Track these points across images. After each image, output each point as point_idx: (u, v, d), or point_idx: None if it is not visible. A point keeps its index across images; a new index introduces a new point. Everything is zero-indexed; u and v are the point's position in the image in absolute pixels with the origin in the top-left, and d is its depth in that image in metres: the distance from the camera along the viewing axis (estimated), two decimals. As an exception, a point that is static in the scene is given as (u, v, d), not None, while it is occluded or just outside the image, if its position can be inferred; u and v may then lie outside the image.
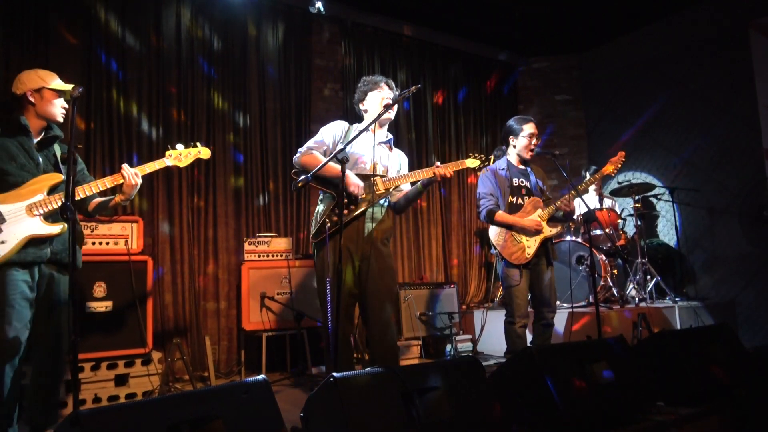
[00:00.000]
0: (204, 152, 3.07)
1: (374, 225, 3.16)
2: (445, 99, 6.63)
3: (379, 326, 3.11)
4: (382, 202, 3.21)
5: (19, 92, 2.67)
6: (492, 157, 3.51)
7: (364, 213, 3.13)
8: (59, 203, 2.58)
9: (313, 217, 3.26)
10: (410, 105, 6.26)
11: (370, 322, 3.13)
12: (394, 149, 3.49)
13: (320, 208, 3.23)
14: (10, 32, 4.10)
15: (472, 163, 3.36)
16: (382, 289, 3.13)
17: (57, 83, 2.74)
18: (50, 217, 2.62)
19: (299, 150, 3.25)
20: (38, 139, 2.74)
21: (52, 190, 2.66)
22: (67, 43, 4.33)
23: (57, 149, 2.83)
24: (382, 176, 3.19)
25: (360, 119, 3.48)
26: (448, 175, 3.12)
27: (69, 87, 2.73)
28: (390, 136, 3.42)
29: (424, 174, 3.14)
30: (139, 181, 2.79)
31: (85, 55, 4.40)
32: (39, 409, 2.69)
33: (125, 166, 2.76)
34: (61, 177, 2.70)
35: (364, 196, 3.11)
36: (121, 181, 2.74)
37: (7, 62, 4.07)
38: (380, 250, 3.16)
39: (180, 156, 2.98)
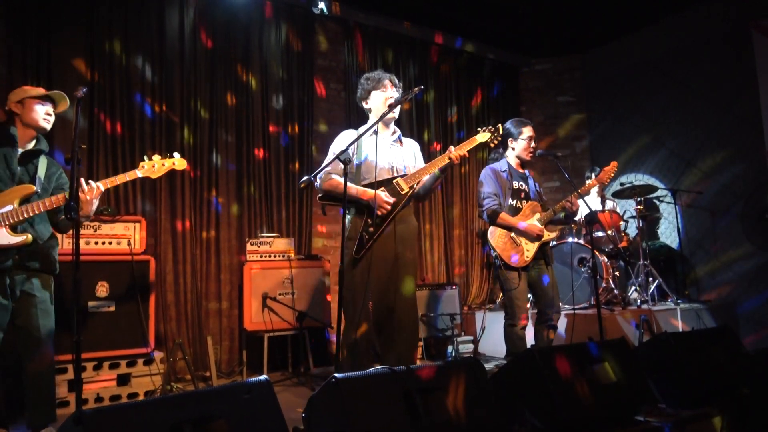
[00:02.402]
0: (179, 163, 3.04)
1: (402, 226, 3.16)
2: (447, 99, 6.63)
3: (406, 327, 3.13)
4: (407, 202, 3.19)
5: (7, 107, 2.80)
6: (500, 126, 3.39)
7: (394, 217, 3.12)
8: (28, 215, 2.66)
9: (342, 231, 2.96)
10: (413, 105, 6.26)
11: (396, 322, 3.12)
12: (404, 141, 3.44)
13: (348, 219, 3.16)
14: (12, 30, 4.12)
15: (483, 137, 3.30)
16: (410, 290, 3.15)
17: (37, 91, 2.81)
18: (17, 227, 2.68)
19: (318, 177, 3.14)
20: (24, 150, 2.81)
21: (23, 202, 2.71)
22: (70, 44, 4.34)
23: (42, 163, 2.87)
24: (402, 176, 3.17)
25: (365, 117, 3.47)
26: (465, 155, 3.17)
27: (51, 92, 2.84)
28: (397, 131, 3.39)
29: (441, 162, 3.12)
30: (92, 197, 2.75)
31: (88, 56, 4.41)
32: (33, 409, 2.73)
33: (89, 182, 2.76)
34: (33, 188, 2.75)
35: (392, 201, 3.10)
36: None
37: (9, 61, 4.09)
38: (409, 250, 3.18)
39: (153, 167, 2.95)
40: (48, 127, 2.86)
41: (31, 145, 2.85)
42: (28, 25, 4.17)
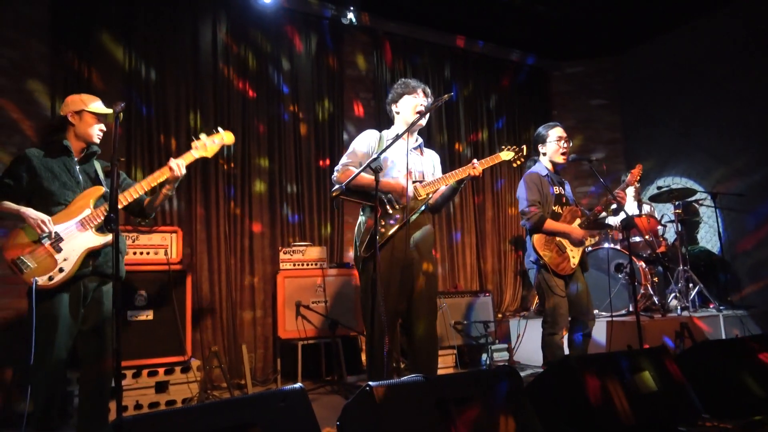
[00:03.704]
0: (228, 137, 3.08)
1: (417, 232, 3.15)
2: (477, 106, 6.60)
3: (423, 336, 3.10)
4: (422, 207, 3.19)
5: (63, 113, 2.86)
6: (525, 147, 3.36)
7: (408, 221, 3.10)
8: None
9: (356, 230, 3.23)
10: (443, 111, 6.25)
11: (413, 331, 3.11)
12: (425, 150, 3.45)
13: (362, 219, 3.19)
14: (54, 51, 4.27)
15: (506, 155, 3.31)
16: (425, 299, 3.12)
17: (96, 106, 2.88)
18: (101, 228, 2.75)
19: (335, 169, 3.26)
20: (79, 158, 2.89)
21: (96, 203, 2.80)
22: (108, 60, 4.49)
23: (97, 165, 2.97)
24: (420, 182, 3.17)
25: (390, 122, 3.47)
26: (479, 174, 3.12)
27: (108, 111, 2.89)
28: (420, 140, 3.40)
29: (461, 174, 3.10)
30: (184, 171, 2.94)
31: (125, 73, 4.55)
32: (87, 417, 2.78)
33: (172, 159, 2.92)
34: (103, 189, 2.83)
35: (405, 204, 3.09)
36: (167, 176, 2.88)
37: (52, 81, 4.24)
38: (426, 257, 3.15)
39: (205, 146, 3.03)
40: (98, 141, 2.94)
41: (82, 154, 2.92)
42: (69, 46, 4.32)
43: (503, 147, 3.35)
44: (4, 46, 3.99)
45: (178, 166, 2.90)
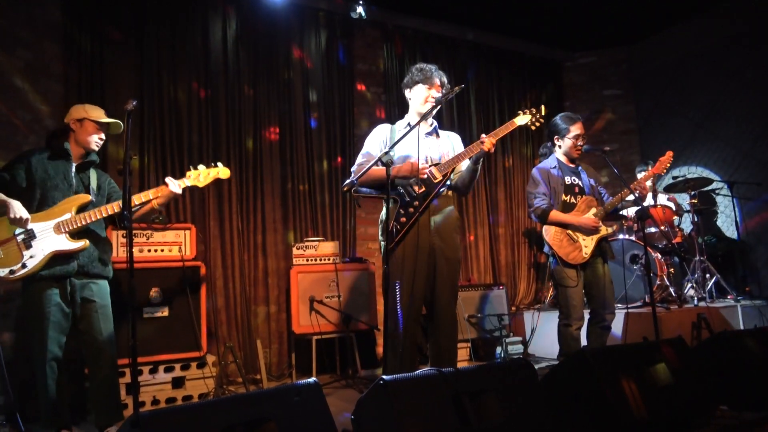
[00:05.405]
0: (223, 172, 3.20)
1: (438, 216, 3.13)
2: (488, 98, 6.56)
3: (444, 321, 3.10)
4: (442, 191, 3.15)
5: (66, 120, 2.99)
6: (542, 108, 3.25)
7: (427, 207, 3.08)
8: (85, 222, 2.83)
9: (379, 223, 3.24)
10: (454, 104, 6.22)
11: (436, 316, 3.11)
12: (442, 133, 3.38)
13: (384, 212, 3.14)
14: (67, 50, 4.30)
15: (522, 119, 3.16)
16: (448, 284, 3.11)
17: (97, 116, 2.99)
18: (75, 234, 2.84)
19: (352, 170, 3.25)
20: (77, 163, 2.99)
21: (80, 210, 2.88)
22: (120, 62, 4.51)
23: (93, 174, 3.06)
24: (436, 164, 3.14)
25: (405, 109, 3.43)
26: (492, 147, 3.00)
27: (110, 120, 3.01)
28: (434, 123, 3.35)
29: (474, 149, 3.04)
30: (180, 191, 3.02)
31: (137, 72, 4.58)
32: (100, 409, 2.89)
33: (170, 179, 3.02)
34: (89, 198, 2.93)
35: (423, 189, 3.06)
36: (160, 194, 2.97)
37: (65, 80, 4.27)
38: (448, 242, 3.13)
39: (199, 176, 3.13)
40: (97, 149, 3.05)
41: (81, 160, 3.02)
42: (82, 45, 4.35)
43: (519, 112, 3.22)
44: (19, 47, 4.03)
45: (175, 184, 2.99)
